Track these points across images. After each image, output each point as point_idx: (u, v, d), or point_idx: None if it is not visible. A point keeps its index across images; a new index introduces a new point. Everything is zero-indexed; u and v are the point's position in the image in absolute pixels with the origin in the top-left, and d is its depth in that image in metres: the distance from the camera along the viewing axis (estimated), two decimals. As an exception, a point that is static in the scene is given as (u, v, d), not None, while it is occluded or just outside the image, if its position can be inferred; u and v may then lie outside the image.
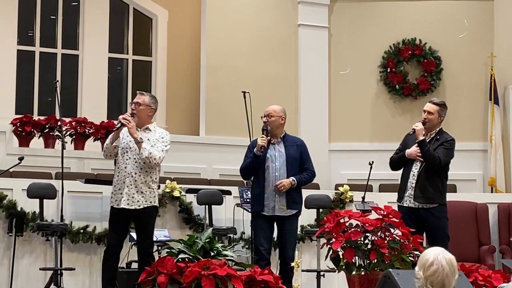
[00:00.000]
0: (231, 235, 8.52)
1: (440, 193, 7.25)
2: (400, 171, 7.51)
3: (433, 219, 7.19)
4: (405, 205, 7.26)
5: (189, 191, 8.75)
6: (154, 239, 7.71)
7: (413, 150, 7.26)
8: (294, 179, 7.35)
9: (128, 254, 7.68)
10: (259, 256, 7.27)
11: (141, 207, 6.96)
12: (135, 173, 6.95)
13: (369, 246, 6.41)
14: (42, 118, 10.91)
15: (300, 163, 7.46)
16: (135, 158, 6.98)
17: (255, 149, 7.31)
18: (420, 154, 7.21)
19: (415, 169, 7.25)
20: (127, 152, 7.00)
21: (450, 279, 3.84)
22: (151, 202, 7.03)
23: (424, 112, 7.32)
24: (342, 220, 6.57)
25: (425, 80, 12.27)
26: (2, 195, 7.90)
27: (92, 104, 12.57)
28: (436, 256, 3.86)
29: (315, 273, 8.37)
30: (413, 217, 7.17)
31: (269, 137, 7.36)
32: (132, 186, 6.93)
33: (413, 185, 7.22)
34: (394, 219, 6.54)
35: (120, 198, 6.92)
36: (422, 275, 3.85)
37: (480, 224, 9.71)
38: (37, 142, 10.79)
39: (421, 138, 7.20)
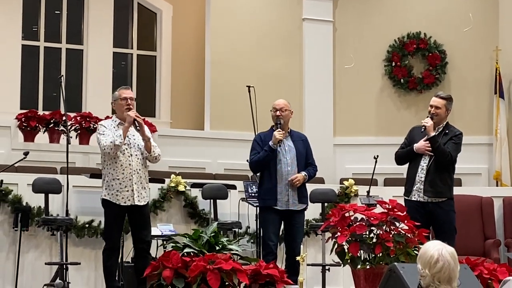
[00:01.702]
0: (236, 230, 8.53)
1: (448, 187, 7.26)
2: (406, 165, 7.51)
3: (442, 213, 7.19)
4: (413, 199, 7.24)
5: (194, 185, 8.75)
6: (159, 233, 7.77)
7: (422, 145, 7.23)
8: (306, 173, 7.43)
9: (133, 249, 7.68)
10: (268, 251, 7.29)
11: (146, 202, 7.09)
12: (140, 170, 7.02)
13: (374, 240, 6.42)
14: (47, 113, 10.91)
15: (305, 157, 7.52)
16: (136, 155, 7.03)
17: (271, 143, 7.32)
18: (429, 149, 7.18)
19: (424, 163, 7.23)
20: (127, 149, 7.00)
21: (456, 272, 3.84)
22: (149, 196, 7.27)
23: (431, 107, 7.28)
24: (347, 214, 6.58)
25: (430, 74, 12.25)
26: (8, 190, 7.91)
27: (97, 99, 12.57)
28: (440, 251, 3.82)
29: (320, 267, 8.38)
30: (421, 211, 7.15)
31: (283, 131, 7.41)
32: (139, 182, 7.00)
33: (422, 179, 7.20)
34: (399, 213, 6.54)
35: (128, 195, 6.93)
36: (429, 273, 3.80)
37: (485, 218, 9.70)
38: (42, 137, 10.80)
39: (432, 134, 7.17)
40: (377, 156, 8.73)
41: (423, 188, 7.20)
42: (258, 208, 7.94)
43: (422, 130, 7.24)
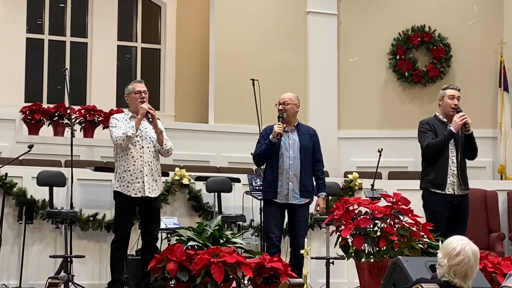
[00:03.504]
0: (240, 223, 8.54)
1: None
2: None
3: (466, 205, 7.27)
4: (448, 193, 7.16)
5: (198, 178, 8.76)
6: (164, 226, 7.78)
7: (456, 122, 7.11)
8: (324, 194, 7.52)
9: (137, 242, 7.70)
10: (270, 243, 7.29)
11: (157, 195, 7.09)
12: (151, 162, 7.03)
13: (378, 233, 6.43)
14: (51, 106, 10.92)
15: (312, 152, 7.50)
16: (148, 147, 7.03)
17: (270, 136, 7.31)
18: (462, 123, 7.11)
19: (453, 155, 7.19)
20: (138, 141, 7.01)
21: (474, 270, 3.83)
22: (161, 189, 7.24)
23: (453, 99, 7.22)
24: (351, 208, 6.59)
25: (435, 67, 12.23)
26: (12, 183, 7.92)
27: (101, 92, 12.59)
28: (464, 246, 3.83)
29: (324, 261, 8.38)
30: (448, 205, 7.14)
31: (284, 125, 7.39)
32: (150, 174, 7.01)
33: (455, 172, 7.17)
34: (404, 206, 6.54)
35: (139, 187, 6.94)
36: (447, 263, 3.81)
37: (489, 211, 9.70)
38: (46, 130, 10.82)
39: (472, 130, 7.17)
40: (382, 149, 8.73)
41: (457, 181, 7.16)
42: (262, 201, 7.94)
43: (468, 128, 7.13)
